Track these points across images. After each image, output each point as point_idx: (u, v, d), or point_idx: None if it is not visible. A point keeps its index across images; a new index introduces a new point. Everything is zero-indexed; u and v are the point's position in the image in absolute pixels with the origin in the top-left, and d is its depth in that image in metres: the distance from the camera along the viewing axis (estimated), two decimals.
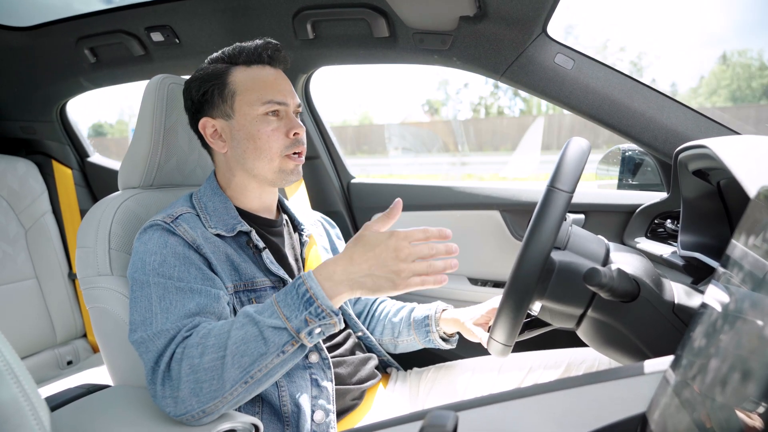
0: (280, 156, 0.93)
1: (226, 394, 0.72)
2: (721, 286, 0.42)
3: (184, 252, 0.85)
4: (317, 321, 0.72)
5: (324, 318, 0.72)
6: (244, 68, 0.95)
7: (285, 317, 0.73)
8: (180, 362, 0.73)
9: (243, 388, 0.73)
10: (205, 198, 0.97)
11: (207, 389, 0.72)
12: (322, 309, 0.72)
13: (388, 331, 1.19)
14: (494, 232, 1.48)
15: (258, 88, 0.93)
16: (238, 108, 0.93)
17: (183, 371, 0.72)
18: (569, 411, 0.52)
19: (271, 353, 0.72)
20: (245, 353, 0.72)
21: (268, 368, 0.73)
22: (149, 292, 0.81)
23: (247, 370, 0.72)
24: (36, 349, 1.81)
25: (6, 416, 0.51)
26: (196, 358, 0.72)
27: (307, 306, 0.72)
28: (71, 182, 1.99)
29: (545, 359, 1.08)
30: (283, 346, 0.72)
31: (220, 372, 0.71)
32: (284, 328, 0.72)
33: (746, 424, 0.33)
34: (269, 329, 0.72)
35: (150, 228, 0.88)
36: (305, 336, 0.73)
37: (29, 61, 1.71)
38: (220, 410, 0.74)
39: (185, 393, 0.72)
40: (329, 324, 0.73)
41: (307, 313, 0.72)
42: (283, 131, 0.93)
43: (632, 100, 1.17)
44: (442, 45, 1.28)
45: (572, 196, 0.71)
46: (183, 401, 0.72)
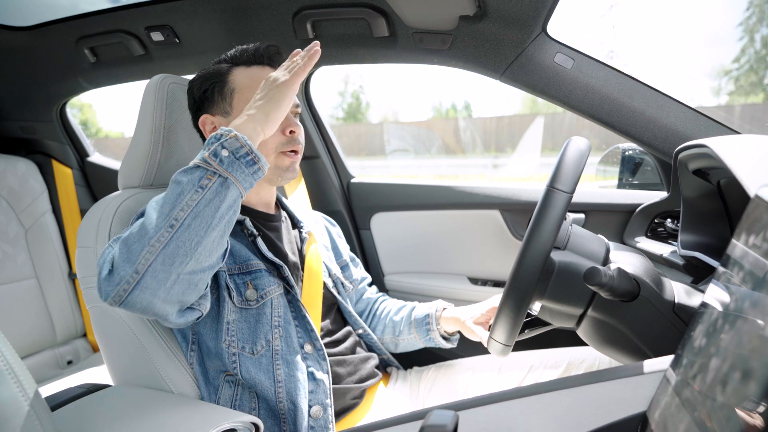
0: (275, 153, 0.95)
1: (152, 241, 0.70)
2: (721, 285, 0.42)
3: None
4: (217, 142, 0.75)
5: (223, 138, 0.75)
6: (244, 68, 0.97)
7: (195, 159, 0.75)
8: (115, 244, 0.74)
9: (170, 232, 0.70)
10: None
11: (135, 247, 0.70)
12: (220, 134, 0.76)
13: (389, 330, 1.19)
14: (494, 232, 1.48)
15: (256, 86, 0.94)
16: (236, 105, 0.95)
17: (117, 248, 0.72)
18: (569, 410, 0.52)
19: (187, 191, 0.72)
20: (164, 202, 0.72)
21: (191, 207, 0.71)
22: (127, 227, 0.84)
23: (168, 214, 0.71)
24: (36, 349, 1.81)
25: (6, 416, 0.51)
26: (125, 233, 0.74)
27: (212, 142, 0.76)
28: (71, 182, 1.99)
29: (545, 358, 1.08)
30: (198, 181, 0.73)
31: (143, 227, 0.71)
32: (193, 165, 0.74)
33: (746, 424, 0.33)
34: (181, 173, 0.74)
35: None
36: (212, 159, 0.73)
37: (29, 61, 1.71)
38: (154, 265, 0.70)
39: (117, 263, 0.70)
40: (228, 138, 0.75)
41: (208, 144, 0.75)
42: (279, 129, 0.94)
43: (632, 99, 1.17)
44: (441, 45, 1.28)
45: (572, 196, 0.71)
46: (117, 271, 0.70)
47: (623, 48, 31.40)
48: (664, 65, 22.47)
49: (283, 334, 0.93)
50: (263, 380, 0.90)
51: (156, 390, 0.90)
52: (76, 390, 0.88)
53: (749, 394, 0.33)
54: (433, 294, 1.54)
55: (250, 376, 0.89)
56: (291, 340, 0.94)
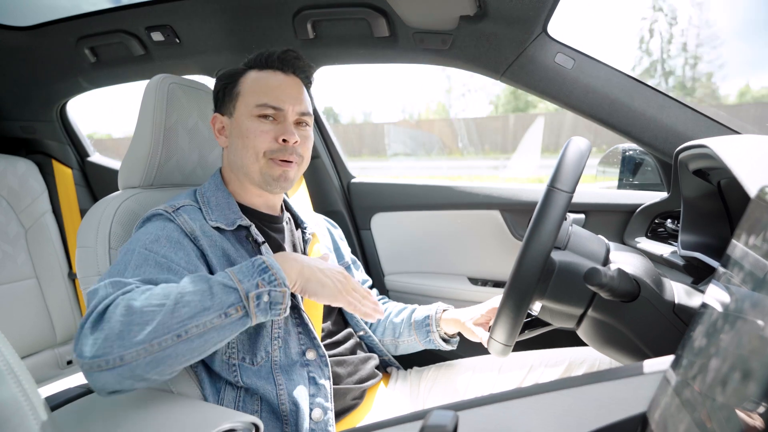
0: (265, 157, 0.94)
1: (153, 342, 0.65)
2: (721, 285, 0.42)
3: (178, 237, 0.87)
4: (267, 286, 0.74)
5: (275, 285, 0.74)
6: (257, 72, 0.98)
7: (237, 280, 0.73)
8: (117, 305, 0.68)
9: (173, 341, 0.67)
10: (209, 193, 0.99)
11: (135, 332, 0.65)
12: (275, 277, 0.75)
13: (389, 332, 1.19)
14: (494, 232, 1.48)
15: (259, 90, 0.95)
16: (238, 107, 0.96)
17: (117, 312, 0.67)
18: (570, 411, 0.52)
19: (214, 310, 0.70)
20: (188, 304, 0.69)
21: (207, 327, 0.69)
22: (129, 259, 0.81)
23: (184, 322, 0.68)
24: (36, 349, 1.81)
25: (6, 416, 0.51)
26: (136, 302, 0.68)
27: (261, 273, 0.75)
28: (71, 182, 1.99)
29: (546, 359, 1.08)
30: (227, 306, 0.71)
31: (154, 316, 0.66)
32: (234, 288, 0.72)
33: (747, 424, 0.33)
34: (219, 285, 0.72)
35: (152, 216, 0.91)
36: (253, 300, 0.72)
37: (29, 61, 1.71)
38: (138, 363, 0.65)
39: (109, 333, 0.65)
40: (279, 293, 0.74)
41: (259, 279, 0.74)
42: (273, 135, 0.94)
43: (632, 99, 1.17)
44: (442, 45, 1.28)
45: (572, 196, 0.71)
46: (104, 342, 0.65)
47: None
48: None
49: (282, 346, 0.93)
50: (264, 385, 0.89)
51: (156, 390, 0.90)
52: (76, 390, 0.89)
53: (749, 394, 0.33)
54: (434, 294, 1.54)
55: (251, 382, 0.89)
56: (290, 351, 0.93)
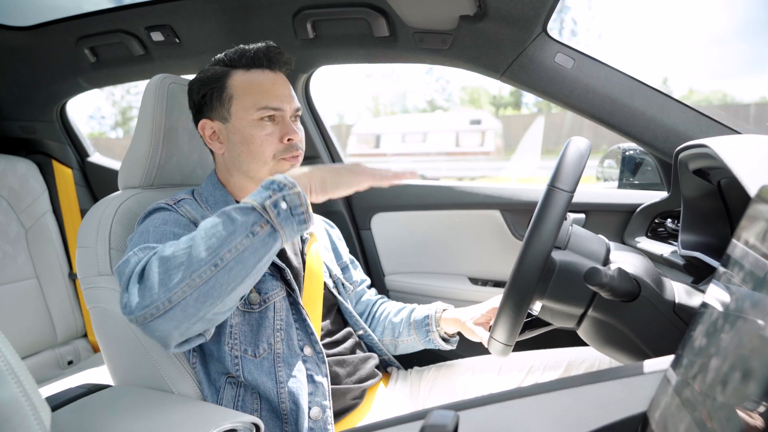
0: (274, 159, 0.95)
1: (194, 275, 0.68)
2: (721, 285, 0.42)
3: (186, 223, 0.89)
4: (279, 192, 0.72)
5: (286, 189, 0.73)
6: (243, 72, 0.96)
7: (251, 199, 0.73)
8: (151, 262, 0.72)
9: (212, 271, 0.69)
10: (207, 193, 1.00)
11: (175, 275, 0.69)
12: (283, 183, 0.73)
13: (389, 332, 1.19)
14: (494, 232, 1.48)
15: (254, 92, 0.94)
16: (235, 112, 0.95)
17: (154, 266, 0.70)
18: (570, 410, 0.52)
19: (239, 233, 0.70)
20: (212, 235, 0.70)
21: (238, 249, 0.70)
22: (147, 237, 0.83)
23: (215, 251, 0.69)
24: (36, 349, 1.81)
25: (7, 416, 0.51)
26: (167, 252, 0.71)
27: (270, 186, 0.73)
28: (71, 182, 1.99)
29: (546, 359, 1.08)
30: (251, 225, 0.71)
31: (188, 256, 0.69)
32: (249, 206, 0.72)
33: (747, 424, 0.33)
34: (236, 210, 0.72)
35: (153, 210, 0.91)
36: (271, 209, 0.71)
37: (29, 61, 1.71)
38: (188, 300, 0.69)
39: (152, 283, 0.69)
40: (293, 194, 0.73)
41: (270, 190, 0.73)
42: (277, 136, 0.94)
43: (633, 99, 1.17)
44: (442, 44, 1.28)
45: (573, 195, 0.71)
46: (149, 291, 0.69)
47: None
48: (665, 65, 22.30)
49: (285, 338, 0.93)
50: (265, 381, 0.90)
51: (156, 390, 0.90)
52: (77, 390, 0.89)
53: (749, 394, 0.33)
54: (434, 294, 1.54)
55: (252, 378, 0.90)
56: (292, 344, 0.94)
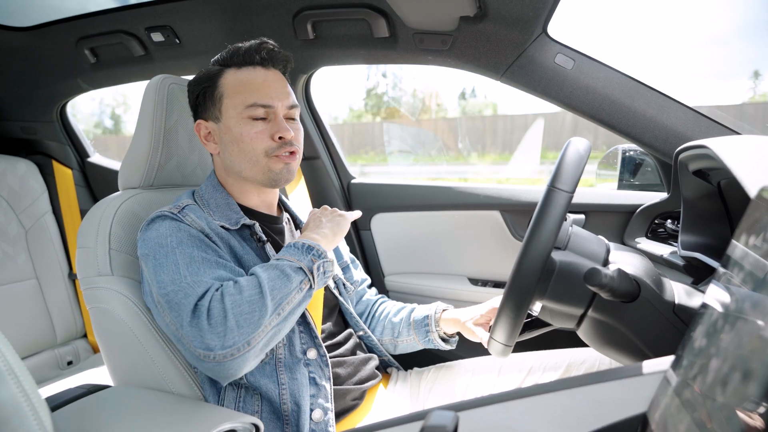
0: (266, 157, 0.93)
1: (265, 323, 0.78)
2: (721, 286, 0.42)
3: (198, 235, 0.88)
4: (319, 260, 0.86)
5: (324, 258, 0.87)
6: (235, 70, 0.95)
7: (296, 260, 0.85)
8: (221, 301, 0.77)
9: (276, 320, 0.80)
10: (207, 195, 0.99)
11: (249, 320, 0.77)
12: (320, 252, 0.88)
13: (388, 332, 1.19)
14: (494, 233, 1.48)
15: (243, 90, 0.93)
16: (225, 111, 0.94)
17: (227, 306, 0.77)
18: (570, 411, 0.52)
19: (294, 288, 0.82)
20: (276, 288, 0.80)
21: (293, 303, 0.82)
22: (176, 259, 0.83)
23: (279, 302, 0.80)
24: (36, 350, 1.81)
25: (6, 416, 0.51)
26: (237, 295, 0.78)
27: (309, 251, 0.87)
28: (71, 182, 1.99)
29: (546, 359, 1.08)
30: (300, 283, 0.83)
31: (260, 304, 0.78)
32: (299, 267, 0.84)
33: (747, 425, 0.33)
34: (289, 268, 0.83)
35: (158, 218, 0.90)
36: (316, 272, 0.85)
37: (29, 61, 1.71)
38: (260, 343, 0.78)
39: (232, 324, 0.76)
40: (329, 261, 0.88)
41: (311, 255, 0.86)
42: (268, 134, 0.93)
43: (633, 100, 1.17)
44: (442, 45, 1.28)
45: (572, 195, 0.71)
46: (231, 333, 0.75)
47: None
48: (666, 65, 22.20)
49: (287, 343, 0.93)
50: (267, 383, 0.90)
51: (156, 390, 0.90)
52: (77, 391, 0.88)
53: (749, 394, 0.33)
54: (434, 295, 1.54)
55: (254, 380, 0.89)
56: (294, 349, 0.94)
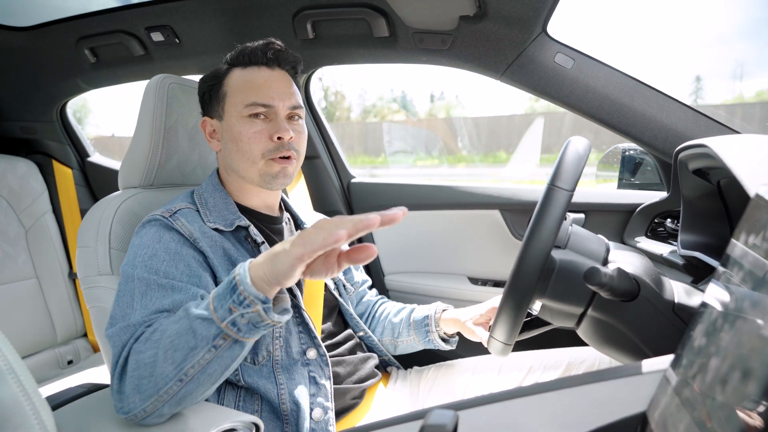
0: (263, 159, 0.93)
1: (161, 393, 0.68)
2: (721, 285, 0.43)
3: (176, 248, 0.86)
4: (239, 309, 0.65)
5: (247, 306, 0.64)
6: (240, 70, 0.96)
7: (213, 308, 0.67)
8: (130, 357, 0.71)
9: (178, 386, 0.68)
10: (206, 194, 0.98)
11: (145, 386, 0.68)
12: (244, 296, 0.64)
13: (388, 332, 1.19)
14: (494, 232, 1.48)
15: (245, 89, 0.93)
16: (227, 109, 0.94)
17: (129, 366, 0.70)
18: (569, 410, 0.52)
19: (201, 347, 0.67)
20: (177, 347, 0.67)
21: (201, 365, 0.68)
22: (133, 287, 0.80)
23: (180, 366, 0.67)
24: (36, 349, 1.81)
25: (7, 415, 0.51)
26: (141, 354, 0.70)
27: (232, 293, 0.65)
28: (71, 182, 1.99)
29: (545, 359, 1.08)
30: (213, 339, 0.66)
31: (154, 368, 0.68)
32: (210, 319, 0.66)
33: (746, 424, 0.33)
34: (197, 321, 0.67)
35: (148, 223, 0.89)
36: (229, 326, 0.65)
37: (29, 61, 1.71)
38: (162, 410, 0.70)
39: (129, 389, 0.69)
40: (251, 312, 0.64)
41: (230, 301, 0.65)
42: (267, 134, 0.92)
43: (632, 99, 1.17)
44: (442, 45, 1.28)
45: (572, 194, 0.71)
46: (127, 398, 0.70)
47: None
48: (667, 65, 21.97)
49: (284, 345, 0.93)
50: (266, 383, 0.89)
51: None
52: (77, 390, 0.89)
53: (749, 393, 0.33)
54: (434, 294, 1.54)
55: (252, 381, 0.89)
56: (291, 350, 0.93)
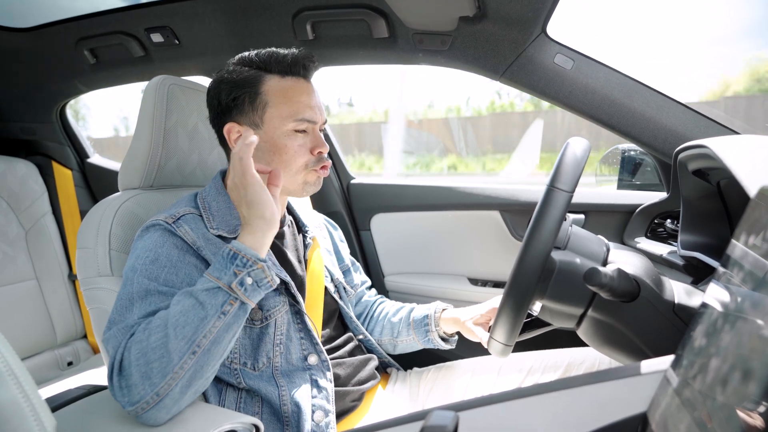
0: (305, 170, 0.94)
1: (176, 368, 0.70)
2: (721, 285, 0.43)
3: (178, 255, 0.85)
4: (245, 269, 0.75)
5: (251, 266, 0.76)
6: (278, 78, 0.93)
7: (215, 278, 0.75)
8: (129, 350, 0.72)
9: (192, 359, 0.71)
10: (210, 198, 0.96)
11: (156, 369, 0.70)
12: (246, 258, 0.76)
13: (387, 332, 1.19)
14: (494, 232, 1.48)
15: (292, 103, 0.91)
16: (268, 120, 0.92)
17: (132, 357, 0.71)
18: (570, 411, 0.52)
19: (211, 316, 0.72)
20: (186, 323, 0.71)
21: (213, 333, 0.72)
22: (131, 291, 0.81)
23: (191, 339, 0.71)
24: (36, 350, 1.81)
25: (6, 417, 0.51)
26: (144, 342, 0.71)
27: (233, 260, 0.76)
28: (71, 183, 1.99)
29: (545, 359, 1.08)
30: (221, 306, 0.73)
31: (165, 348, 0.70)
32: (217, 287, 0.74)
33: (747, 424, 0.33)
34: (203, 293, 0.74)
35: (151, 227, 0.88)
36: (238, 288, 0.74)
37: (29, 62, 1.71)
38: (174, 391, 0.71)
39: (136, 378, 0.70)
40: (256, 269, 0.76)
41: (234, 267, 0.75)
42: (308, 147, 0.93)
43: (632, 100, 1.17)
44: (441, 45, 1.28)
45: (572, 195, 0.71)
46: (135, 388, 0.70)
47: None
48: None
49: (284, 351, 0.93)
50: (266, 386, 0.89)
51: None
52: (77, 391, 0.89)
53: (749, 394, 0.33)
54: (433, 295, 1.54)
55: (253, 384, 0.89)
56: (291, 357, 0.93)
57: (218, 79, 0.95)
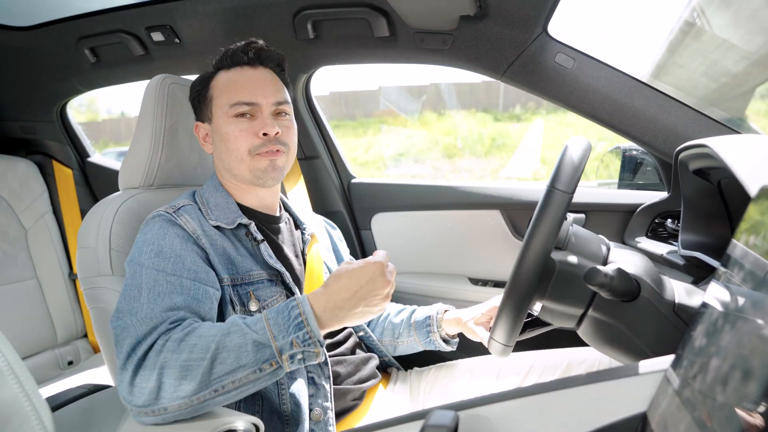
0: (250, 156, 0.94)
1: (193, 397, 0.70)
2: (721, 285, 0.43)
3: (181, 244, 0.86)
4: (302, 346, 0.73)
5: (310, 345, 0.73)
6: (225, 72, 0.97)
7: (272, 335, 0.73)
8: (158, 353, 0.71)
9: (211, 396, 0.71)
10: (208, 194, 0.99)
11: (178, 387, 0.70)
12: (310, 336, 0.73)
13: (388, 333, 1.19)
14: (495, 232, 1.48)
15: (229, 90, 0.95)
16: (214, 111, 0.96)
17: (158, 363, 0.70)
18: (570, 410, 0.52)
19: (248, 367, 0.71)
20: (224, 360, 0.71)
21: (242, 382, 0.72)
22: (140, 282, 0.81)
23: (221, 378, 0.70)
24: (37, 350, 1.81)
25: (7, 416, 0.51)
26: (175, 353, 0.71)
27: (297, 330, 0.73)
28: (72, 182, 1.99)
29: (546, 359, 1.08)
30: (262, 363, 0.72)
31: (194, 374, 0.70)
32: (269, 345, 0.72)
33: (747, 424, 0.33)
34: (253, 343, 0.72)
35: (152, 219, 0.90)
36: (287, 359, 0.72)
37: (29, 61, 1.71)
38: (182, 411, 0.71)
39: (152, 385, 0.70)
40: (313, 353, 0.74)
41: (294, 337, 0.72)
42: (252, 131, 0.93)
43: (633, 99, 1.17)
44: (442, 44, 1.28)
45: (572, 196, 0.71)
46: (150, 393, 0.70)
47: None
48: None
49: None
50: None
51: None
52: (77, 391, 0.89)
53: (750, 394, 0.33)
54: (434, 294, 1.54)
55: None
56: None
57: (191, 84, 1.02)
